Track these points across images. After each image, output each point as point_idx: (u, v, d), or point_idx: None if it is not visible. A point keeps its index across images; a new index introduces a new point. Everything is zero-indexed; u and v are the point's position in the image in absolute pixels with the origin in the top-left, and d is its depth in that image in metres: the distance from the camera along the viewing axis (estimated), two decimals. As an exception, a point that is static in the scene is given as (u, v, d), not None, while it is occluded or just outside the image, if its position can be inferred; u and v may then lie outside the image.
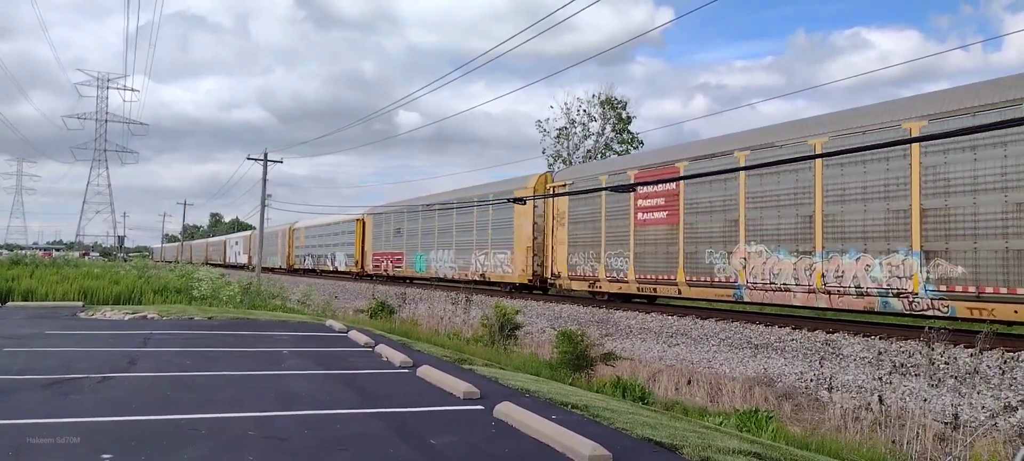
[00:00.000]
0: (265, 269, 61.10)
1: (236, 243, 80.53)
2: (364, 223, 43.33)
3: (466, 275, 30.22)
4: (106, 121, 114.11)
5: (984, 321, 12.34)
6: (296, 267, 58.22)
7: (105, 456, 5.12)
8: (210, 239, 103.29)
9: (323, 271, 50.92)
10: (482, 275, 28.87)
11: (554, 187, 25.04)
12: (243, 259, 73.38)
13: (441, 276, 32.77)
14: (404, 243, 36.90)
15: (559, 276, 24.10)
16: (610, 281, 21.53)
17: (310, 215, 62.70)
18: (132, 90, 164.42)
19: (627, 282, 20.75)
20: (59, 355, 10.11)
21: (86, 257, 69.96)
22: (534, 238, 25.82)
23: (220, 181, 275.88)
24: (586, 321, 19.67)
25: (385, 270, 39.41)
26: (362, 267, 43.12)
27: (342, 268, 46.54)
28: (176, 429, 6.00)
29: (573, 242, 23.33)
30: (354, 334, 13.83)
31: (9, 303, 19.92)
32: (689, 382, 14.04)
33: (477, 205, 28.97)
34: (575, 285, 23.53)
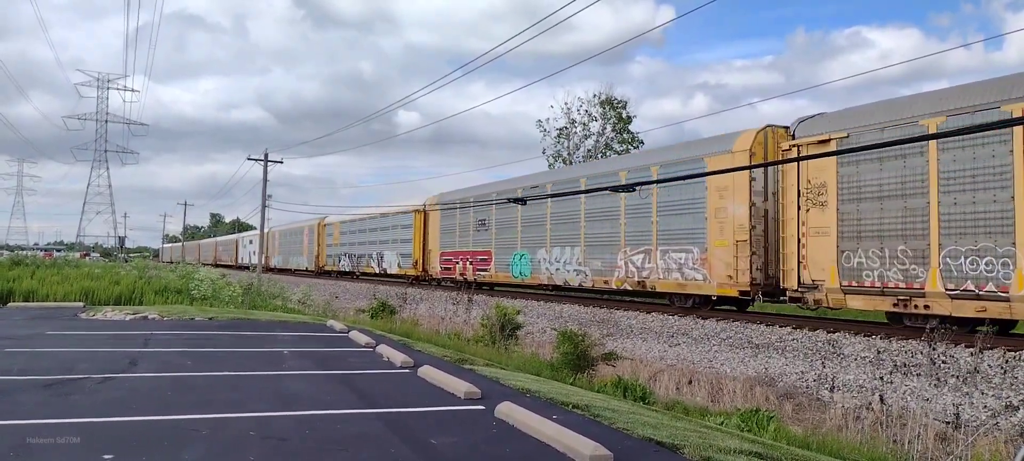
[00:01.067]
0: (284, 270, 55.92)
1: (251, 242, 71.31)
2: (426, 216, 34.46)
3: (607, 282, 21.66)
4: (106, 122, 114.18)
5: None
6: (328, 269, 49.01)
7: (106, 456, 5.11)
8: (220, 238, 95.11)
9: (366, 274, 42.33)
10: (640, 282, 20.22)
11: (800, 146, 15.76)
12: (260, 259, 69.49)
13: (559, 283, 24.33)
14: (492, 239, 28.17)
15: (815, 286, 15.24)
16: (957, 296, 12.77)
17: (336, 211, 56.35)
18: (132, 91, 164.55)
19: (1009, 299, 12.05)
20: (60, 356, 10.11)
21: (87, 258, 69.95)
22: (752, 227, 16.91)
23: (219, 181, 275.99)
24: (587, 321, 19.66)
25: (462, 274, 30.31)
26: (423, 269, 34.50)
27: (393, 270, 37.70)
28: (177, 429, 5.99)
29: (851, 231, 14.63)
30: (355, 334, 13.83)
31: (10, 304, 19.93)
32: (690, 382, 14.04)
33: (622, 188, 19.10)
34: (857, 302, 14.65)
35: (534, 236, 25.64)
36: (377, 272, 40.34)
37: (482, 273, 28.98)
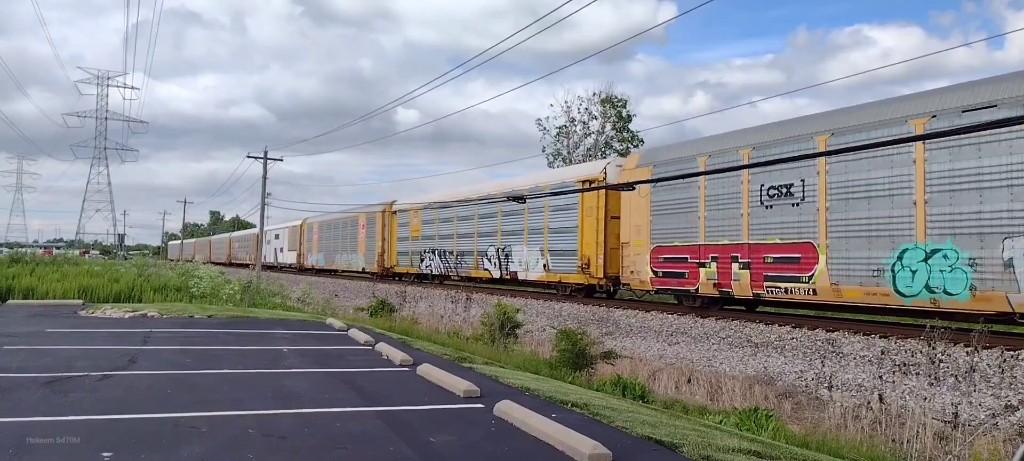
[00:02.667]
0: (327, 272, 46.49)
1: (277, 236, 60.86)
2: (608, 193, 21.13)
3: None
4: (106, 119, 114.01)
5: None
6: (400, 271, 35.76)
7: (105, 454, 5.12)
8: (235, 234, 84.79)
9: (474, 280, 29.25)
10: None
11: None
12: (288, 257, 56.29)
13: None
14: (820, 218, 14.90)
15: None
16: None
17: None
18: (132, 88, 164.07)
19: None
20: (59, 353, 10.11)
21: (86, 255, 69.92)
22: None
23: (218, 179, 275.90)
24: (586, 319, 19.66)
25: (717, 285, 17.22)
26: (605, 273, 21.41)
27: (534, 274, 24.65)
28: (176, 428, 6.00)
29: None
30: (354, 332, 13.83)
31: (9, 301, 19.92)
32: (689, 381, 14.05)
33: None
34: None
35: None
36: (497, 277, 27.10)
37: (781, 286, 15.62)
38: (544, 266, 24.11)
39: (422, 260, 33.11)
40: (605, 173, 21.85)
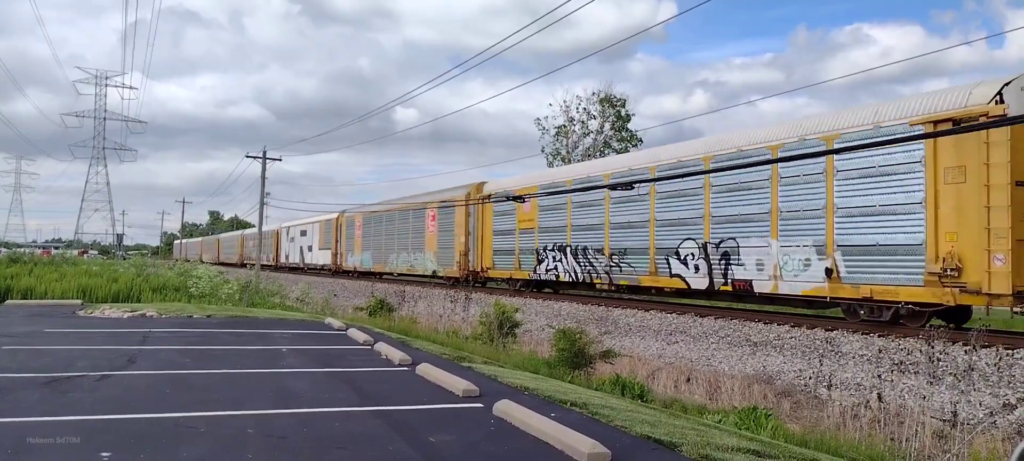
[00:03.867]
0: (374, 276, 37.23)
1: (303, 233, 50.86)
2: (1008, 142, 11.67)
3: None
4: (104, 119, 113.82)
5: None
6: (500, 276, 26.92)
7: (104, 454, 5.11)
8: (247, 231, 74.93)
9: (646, 289, 20.85)
10: None
11: None
12: (319, 258, 46.47)
13: None
14: None
15: None
16: None
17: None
18: (131, 88, 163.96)
19: None
20: (58, 353, 10.10)
21: (85, 255, 69.85)
22: None
23: (217, 179, 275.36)
24: (585, 319, 19.67)
25: None
26: (1010, 284, 11.72)
27: (798, 285, 15.48)
28: (175, 427, 5.99)
29: None
30: (353, 332, 13.83)
31: (8, 301, 19.91)
32: (688, 380, 14.06)
33: None
34: None
35: None
36: (703, 287, 18.11)
37: None
38: (826, 271, 14.80)
39: (541, 261, 23.91)
40: (1000, 100, 12.01)
